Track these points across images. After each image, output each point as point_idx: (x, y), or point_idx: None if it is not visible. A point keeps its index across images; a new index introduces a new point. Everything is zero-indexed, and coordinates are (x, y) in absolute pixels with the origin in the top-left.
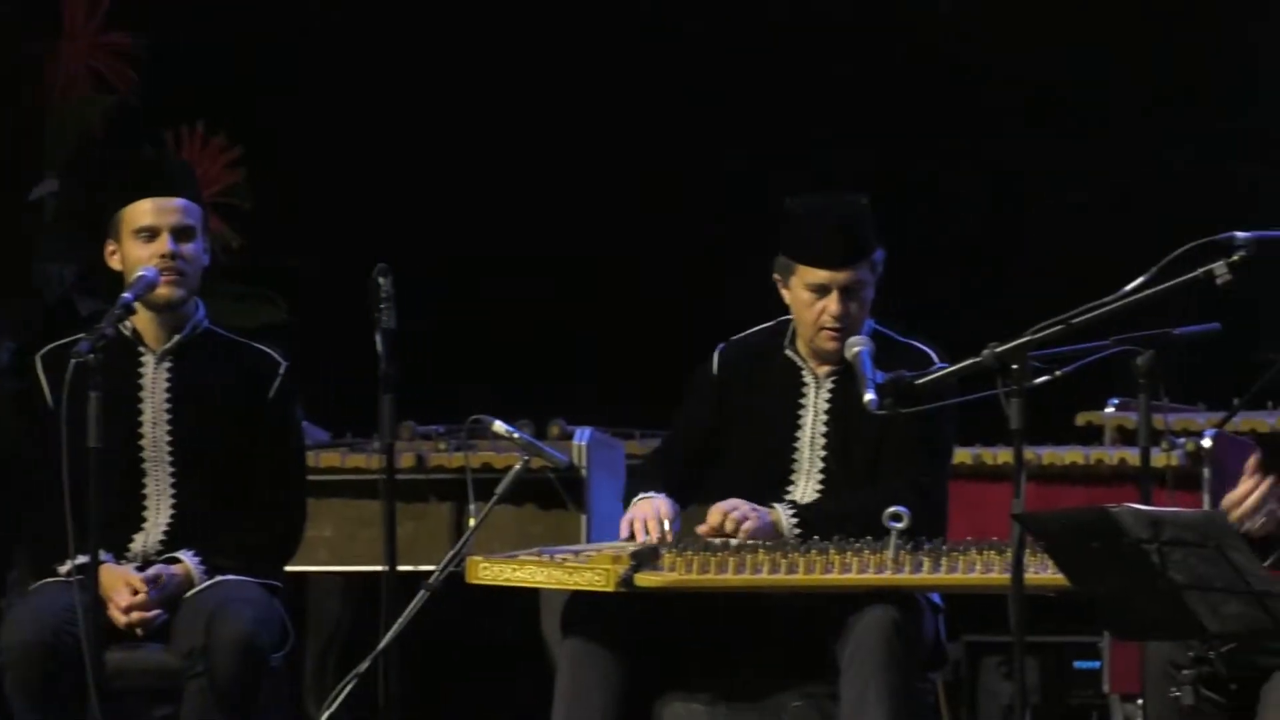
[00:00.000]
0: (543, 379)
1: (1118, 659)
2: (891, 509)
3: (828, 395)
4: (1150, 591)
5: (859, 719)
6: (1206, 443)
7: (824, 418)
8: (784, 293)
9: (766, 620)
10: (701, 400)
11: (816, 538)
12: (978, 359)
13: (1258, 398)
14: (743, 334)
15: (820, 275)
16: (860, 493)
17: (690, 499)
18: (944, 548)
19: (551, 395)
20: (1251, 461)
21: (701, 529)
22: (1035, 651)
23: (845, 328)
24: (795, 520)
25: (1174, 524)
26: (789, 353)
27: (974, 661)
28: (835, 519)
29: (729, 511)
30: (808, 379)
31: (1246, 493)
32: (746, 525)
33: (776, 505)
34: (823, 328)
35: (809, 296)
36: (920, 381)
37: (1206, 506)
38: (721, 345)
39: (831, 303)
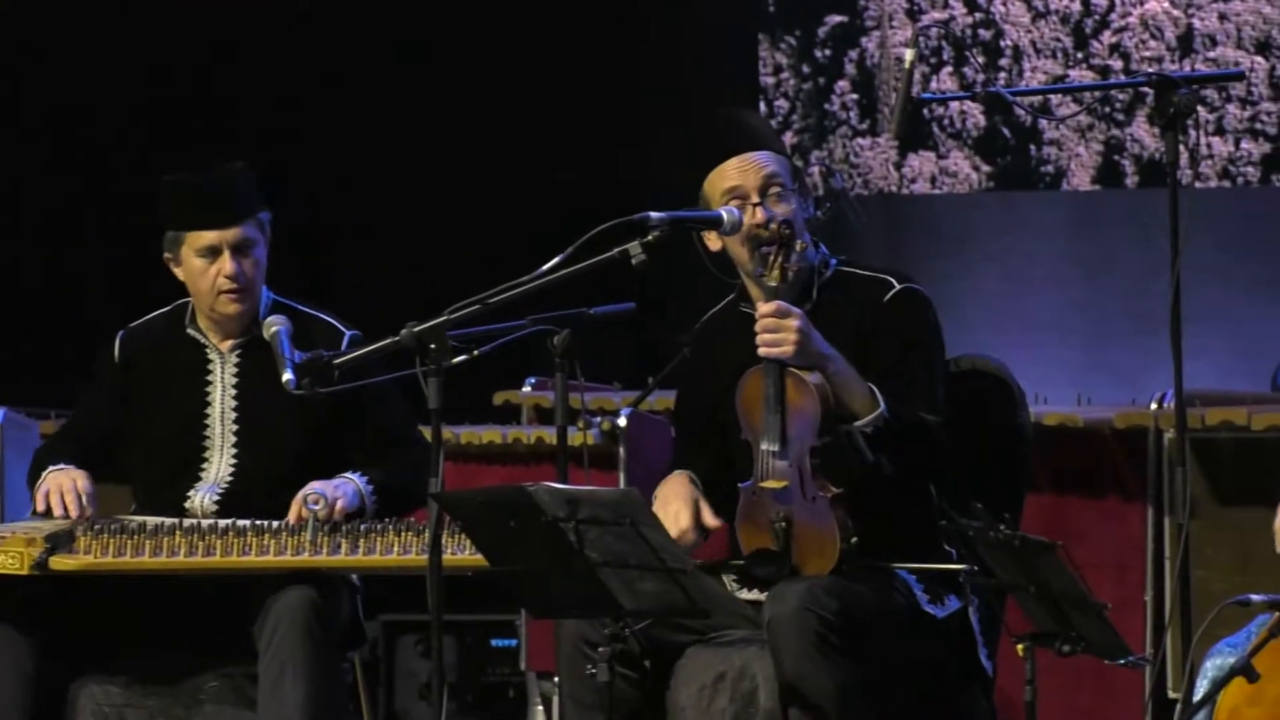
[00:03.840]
0: None
1: (535, 637)
2: (309, 492)
3: (234, 370)
4: (567, 569)
5: (276, 699)
6: (622, 421)
7: (232, 393)
8: (177, 271)
9: (185, 602)
10: (103, 387)
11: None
12: (396, 338)
13: (671, 376)
14: (143, 319)
15: (209, 237)
16: (400, 470)
17: (98, 479)
18: (362, 529)
19: None
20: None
21: (291, 519)
22: (452, 630)
23: (244, 287)
24: (372, 490)
25: (590, 502)
26: (191, 331)
27: (391, 640)
28: (406, 492)
29: (320, 497)
30: (212, 356)
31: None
32: (340, 504)
33: (352, 476)
34: (221, 291)
35: (201, 263)
36: (339, 361)
37: (622, 485)
38: (122, 332)
39: (225, 263)
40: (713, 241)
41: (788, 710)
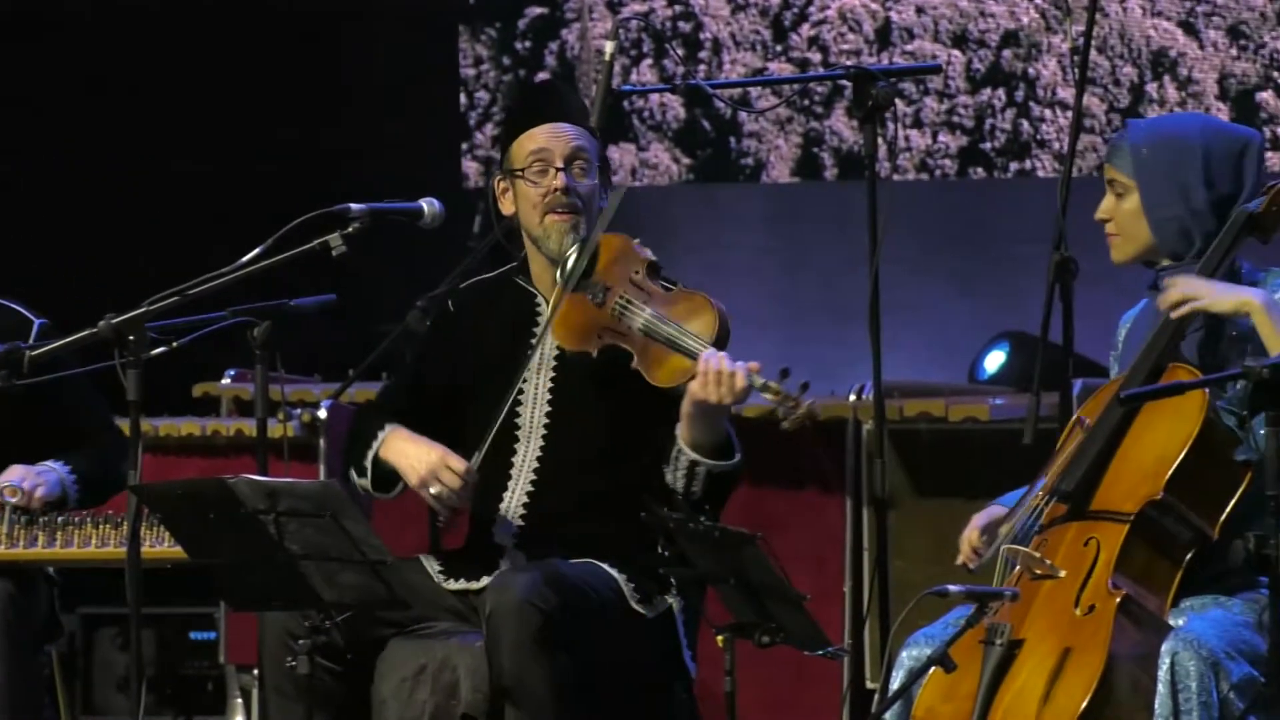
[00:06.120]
0: None
1: (234, 630)
2: (4, 484)
3: None
4: (268, 562)
5: None
6: (322, 413)
7: None
8: None
9: None
10: None
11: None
12: (94, 329)
13: (372, 368)
14: None
15: None
16: (98, 459)
17: None
18: (59, 521)
19: None
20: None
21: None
22: (151, 622)
23: None
24: (75, 479)
25: (290, 494)
26: None
27: (89, 633)
28: (106, 480)
29: (18, 486)
30: None
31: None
32: (40, 493)
33: (54, 465)
34: None
35: None
36: (35, 353)
37: (323, 476)
38: None
39: None
40: (506, 205)
41: (501, 703)
